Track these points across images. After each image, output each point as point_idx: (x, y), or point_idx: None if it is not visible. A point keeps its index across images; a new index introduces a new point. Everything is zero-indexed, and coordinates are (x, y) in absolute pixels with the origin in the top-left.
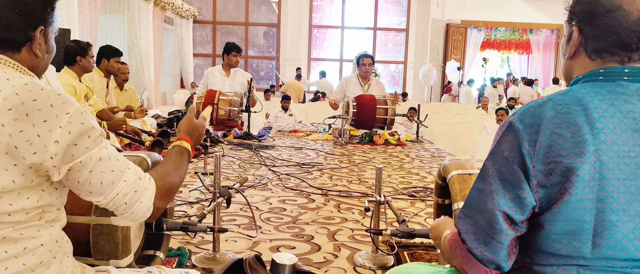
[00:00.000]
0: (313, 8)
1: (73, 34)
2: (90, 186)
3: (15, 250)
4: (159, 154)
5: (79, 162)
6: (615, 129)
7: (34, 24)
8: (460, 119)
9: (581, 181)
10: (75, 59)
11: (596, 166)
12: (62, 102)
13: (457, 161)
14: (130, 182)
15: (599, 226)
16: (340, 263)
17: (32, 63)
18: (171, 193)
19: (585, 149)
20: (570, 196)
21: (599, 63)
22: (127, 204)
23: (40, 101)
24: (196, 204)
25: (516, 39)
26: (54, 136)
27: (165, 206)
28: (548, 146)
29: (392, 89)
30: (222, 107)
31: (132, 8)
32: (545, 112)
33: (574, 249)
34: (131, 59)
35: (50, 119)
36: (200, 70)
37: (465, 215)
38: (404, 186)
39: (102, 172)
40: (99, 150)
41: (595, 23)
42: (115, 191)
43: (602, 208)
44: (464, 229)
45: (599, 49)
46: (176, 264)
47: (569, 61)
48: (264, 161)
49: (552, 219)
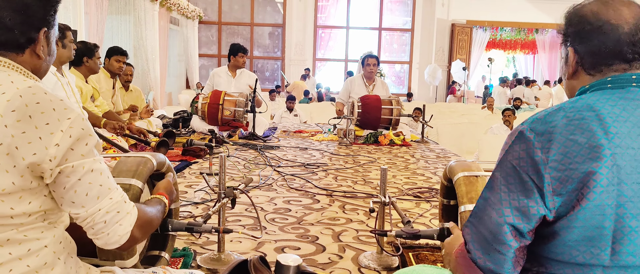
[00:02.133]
0: (318, 8)
1: (79, 35)
2: (75, 195)
3: (19, 252)
4: (164, 155)
5: (71, 166)
6: (630, 134)
7: (37, 26)
8: (466, 119)
9: (599, 186)
10: (82, 59)
11: (614, 170)
12: (64, 108)
13: (463, 162)
14: (115, 201)
15: (619, 232)
16: (345, 264)
17: (34, 65)
18: (149, 228)
19: (601, 154)
20: (588, 202)
21: (599, 76)
22: (106, 223)
23: (43, 104)
24: (201, 204)
25: (522, 39)
26: (55, 139)
27: (140, 239)
28: (563, 153)
29: (398, 89)
30: (227, 108)
31: (138, 9)
32: (557, 120)
33: (592, 257)
34: (137, 60)
35: (52, 122)
36: (205, 70)
37: (471, 223)
38: (409, 186)
39: (90, 183)
40: (93, 161)
41: (586, 41)
42: (98, 205)
43: (622, 214)
44: (469, 238)
45: (596, 63)
46: (181, 265)
47: (571, 81)
48: (268, 162)
49: (569, 226)
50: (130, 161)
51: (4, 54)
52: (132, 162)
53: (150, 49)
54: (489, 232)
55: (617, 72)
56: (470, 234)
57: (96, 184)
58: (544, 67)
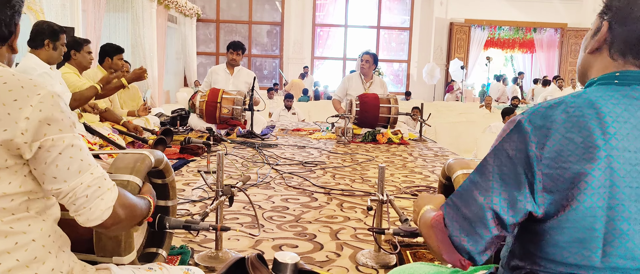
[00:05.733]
0: (316, 6)
1: (77, 32)
2: (56, 170)
3: (6, 245)
4: (161, 152)
5: (51, 139)
6: (628, 136)
7: (16, 18)
8: (464, 118)
9: (590, 188)
10: (70, 53)
11: (607, 172)
12: (34, 85)
13: (462, 160)
14: (96, 176)
15: (610, 235)
16: (342, 262)
17: (9, 58)
18: (132, 212)
19: (595, 155)
20: (578, 203)
21: (620, 65)
22: (87, 197)
23: (10, 83)
24: (199, 202)
25: (520, 37)
26: (24, 113)
27: (124, 220)
28: (557, 150)
29: (396, 87)
30: (225, 106)
31: (136, 6)
32: (557, 115)
33: (583, 258)
34: (135, 58)
35: (20, 98)
36: (203, 68)
37: (454, 203)
38: (407, 184)
39: (71, 157)
40: (73, 137)
41: (628, 24)
42: (80, 179)
43: (613, 216)
44: (449, 216)
45: (624, 51)
46: (179, 263)
47: (589, 56)
48: (267, 160)
49: (559, 226)
50: (128, 158)
51: None
52: (129, 158)
53: (148, 47)
54: (472, 214)
55: (635, 67)
56: (451, 213)
57: (77, 159)
58: (542, 66)
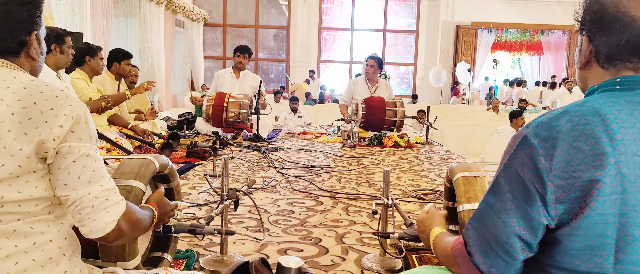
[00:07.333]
0: (323, 10)
1: (85, 37)
2: (68, 177)
3: (25, 245)
4: (167, 157)
5: (68, 146)
6: (636, 140)
7: (27, 30)
8: (471, 121)
9: (602, 195)
10: (84, 59)
11: (617, 178)
12: (66, 96)
13: (463, 163)
14: (105, 189)
15: (622, 241)
16: (347, 266)
17: (31, 66)
18: (136, 226)
19: (605, 162)
20: (590, 210)
21: (613, 72)
22: (93, 208)
23: (46, 93)
24: (204, 206)
25: (527, 40)
26: (59, 121)
27: (127, 234)
28: (566, 160)
29: (402, 90)
30: (232, 110)
31: (143, 12)
32: (562, 125)
33: (595, 266)
34: (142, 62)
35: (56, 107)
36: (210, 72)
37: (474, 228)
38: (413, 188)
39: (84, 167)
40: (90, 147)
41: (603, 31)
42: (88, 189)
43: (625, 223)
44: (471, 242)
45: (611, 56)
46: (184, 267)
47: (583, 72)
48: (272, 163)
49: (571, 234)
50: (133, 163)
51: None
52: (134, 164)
53: (156, 52)
54: (493, 238)
55: (631, 71)
56: (472, 239)
57: (89, 169)
58: (550, 69)
